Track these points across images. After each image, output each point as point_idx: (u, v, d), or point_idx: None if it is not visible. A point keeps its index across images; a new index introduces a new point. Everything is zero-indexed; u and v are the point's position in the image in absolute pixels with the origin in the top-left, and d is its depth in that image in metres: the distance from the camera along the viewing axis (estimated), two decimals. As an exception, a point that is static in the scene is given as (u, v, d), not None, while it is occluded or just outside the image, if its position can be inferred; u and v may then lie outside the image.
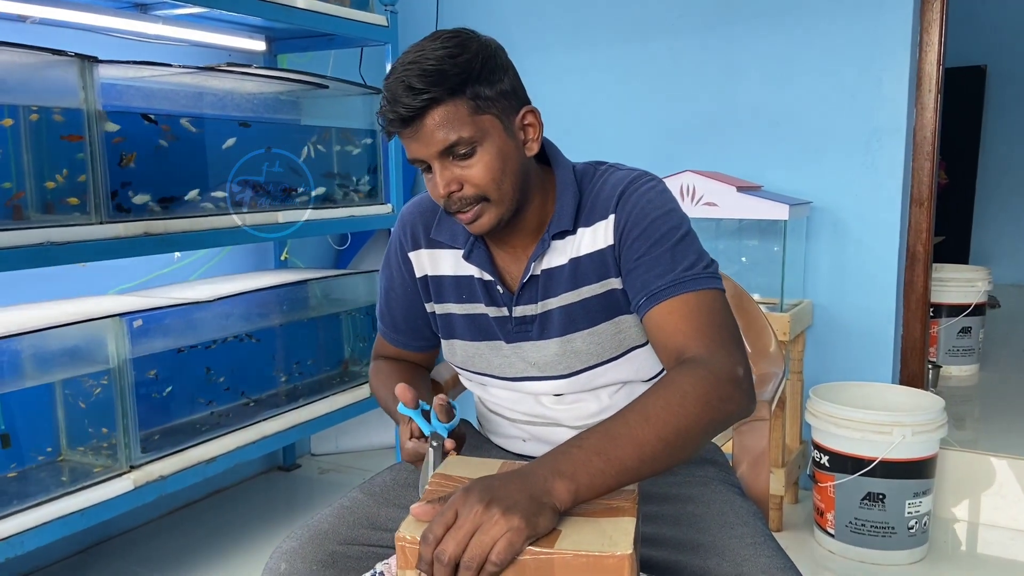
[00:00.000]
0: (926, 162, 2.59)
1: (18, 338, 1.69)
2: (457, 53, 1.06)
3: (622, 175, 1.18)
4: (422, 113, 1.05)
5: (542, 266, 1.18)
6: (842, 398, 2.39)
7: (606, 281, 1.16)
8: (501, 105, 1.09)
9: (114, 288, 2.30)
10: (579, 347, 1.18)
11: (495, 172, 1.09)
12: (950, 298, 3.66)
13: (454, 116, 1.06)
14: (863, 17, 2.51)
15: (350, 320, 2.70)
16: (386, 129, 1.10)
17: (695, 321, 1.05)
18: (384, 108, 1.07)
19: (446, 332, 1.27)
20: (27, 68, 1.67)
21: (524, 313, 1.19)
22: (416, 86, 1.04)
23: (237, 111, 2.21)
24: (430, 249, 1.26)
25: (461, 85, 1.06)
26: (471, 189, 1.09)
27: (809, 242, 2.66)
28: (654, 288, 1.08)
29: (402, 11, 2.78)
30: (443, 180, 1.09)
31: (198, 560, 2.32)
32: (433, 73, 1.04)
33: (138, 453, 1.91)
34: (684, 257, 1.10)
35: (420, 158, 1.09)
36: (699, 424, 0.94)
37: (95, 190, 1.76)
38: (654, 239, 1.11)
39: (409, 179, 3.16)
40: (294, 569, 1.11)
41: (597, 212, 1.16)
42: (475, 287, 1.23)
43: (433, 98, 1.04)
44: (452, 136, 1.06)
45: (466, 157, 1.08)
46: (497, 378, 1.24)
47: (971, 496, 2.56)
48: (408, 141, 1.09)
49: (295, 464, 3.02)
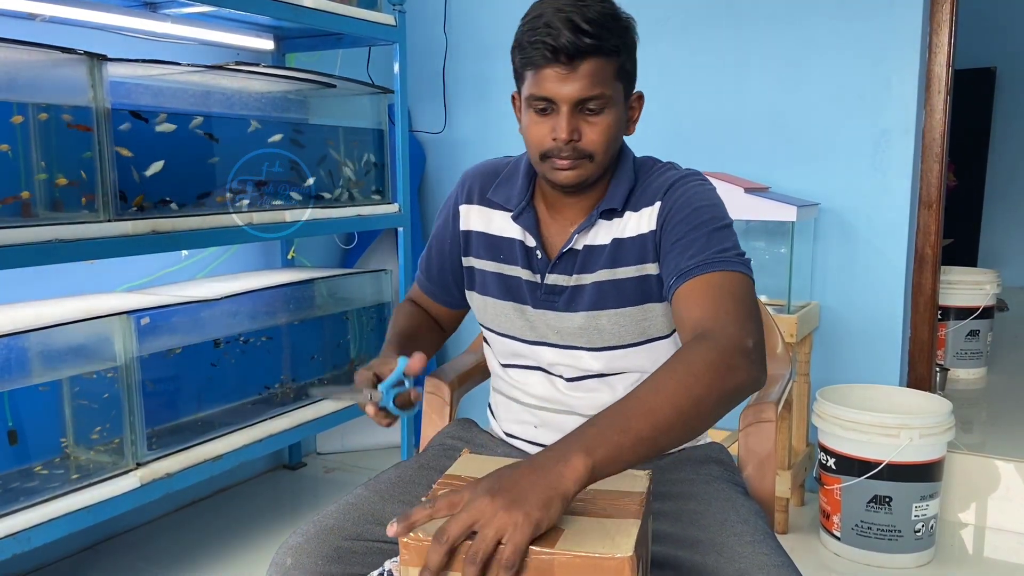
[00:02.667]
0: (935, 164, 2.58)
1: (26, 335, 1.70)
2: (619, 16, 1.13)
3: (676, 172, 1.24)
4: (582, 56, 1.09)
5: (584, 241, 1.23)
6: (849, 400, 2.39)
7: (643, 266, 1.20)
8: (629, 79, 1.17)
9: (122, 286, 2.30)
10: (604, 325, 1.22)
11: (609, 136, 1.15)
12: (958, 301, 3.64)
13: (604, 72, 1.11)
14: (872, 18, 2.51)
15: (356, 319, 2.70)
16: (528, 56, 1.12)
17: (714, 297, 1.07)
18: (539, 35, 1.09)
19: (480, 288, 1.32)
20: (37, 66, 1.68)
21: (556, 282, 1.24)
22: (584, 28, 1.07)
23: (245, 110, 2.21)
24: (481, 206, 1.32)
25: (617, 48, 1.11)
26: (586, 144, 1.14)
27: (817, 244, 2.65)
28: (684, 267, 1.12)
29: (410, 11, 2.78)
30: (569, 126, 1.13)
31: (203, 558, 2.33)
32: (602, 24, 1.09)
33: (144, 450, 1.91)
34: (718, 242, 1.13)
35: (552, 98, 1.12)
36: (710, 393, 0.94)
37: (103, 188, 1.77)
38: (693, 224, 1.15)
39: (416, 179, 3.17)
40: (300, 564, 1.12)
41: (645, 199, 1.21)
42: (515, 249, 1.27)
43: (598, 46, 1.09)
44: (596, 90, 1.11)
45: (593, 113, 1.13)
46: (518, 340, 1.28)
47: (978, 500, 2.55)
48: (547, 78, 1.11)
49: (301, 462, 3.02)
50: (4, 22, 1.95)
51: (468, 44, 3.13)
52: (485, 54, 3.09)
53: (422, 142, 3.25)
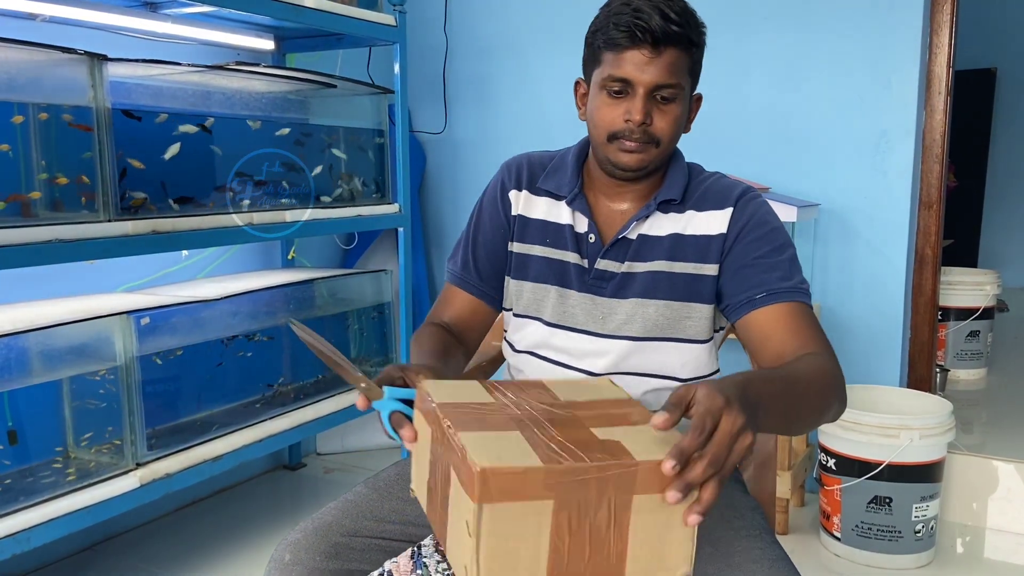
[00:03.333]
0: (935, 165, 2.58)
1: (26, 335, 1.70)
2: (694, 13, 1.18)
3: (736, 181, 1.28)
4: (668, 42, 1.13)
5: (640, 230, 1.25)
6: (849, 401, 2.37)
7: (701, 265, 1.23)
8: (696, 77, 1.22)
9: (122, 286, 2.30)
10: (651, 313, 1.23)
11: (676, 126, 1.20)
12: (958, 301, 3.64)
13: (682, 64, 1.16)
14: (873, 19, 2.50)
15: (357, 319, 2.70)
16: (612, 38, 1.15)
17: (814, 328, 1.15)
18: (628, 17, 1.13)
19: (520, 272, 1.32)
20: (37, 65, 1.68)
21: (606, 268, 1.25)
22: (672, 16, 1.12)
23: (245, 110, 2.21)
24: (529, 193, 1.34)
25: (695, 42, 1.17)
26: (656, 130, 1.18)
27: (817, 244, 2.65)
28: (775, 288, 1.16)
29: (411, 11, 2.78)
30: (644, 108, 1.16)
31: (203, 558, 2.33)
32: (687, 17, 1.15)
33: (144, 451, 1.91)
34: (798, 271, 1.20)
35: (631, 79, 1.15)
36: (827, 410, 1.05)
37: (103, 188, 1.77)
38: (775, 245, 1.20)
39: (416, 179, 3.17)
40: (298, 560, 1.12)
41: (711, 201, 1.24)
42: (564, 234, 1.29)
43: (684, 35, 1.14)
44: (674, 79, 1.15)
45: (666, 102, 1.17)
46: (549, 324, 1.29)
47: (978, 500, 2.55)
48: (630, 59, 1.14)
49: (300, 463, 3.02)
50: (4, 22, 1.95)
51: (469, 44, 3.13)
52: (486, 55, 3.09)
53: (422, 142, 3.25)
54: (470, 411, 0.89)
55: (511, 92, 3.09)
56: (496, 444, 0.80)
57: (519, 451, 0.80)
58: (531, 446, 0.81)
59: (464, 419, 0.86)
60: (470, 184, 3.16)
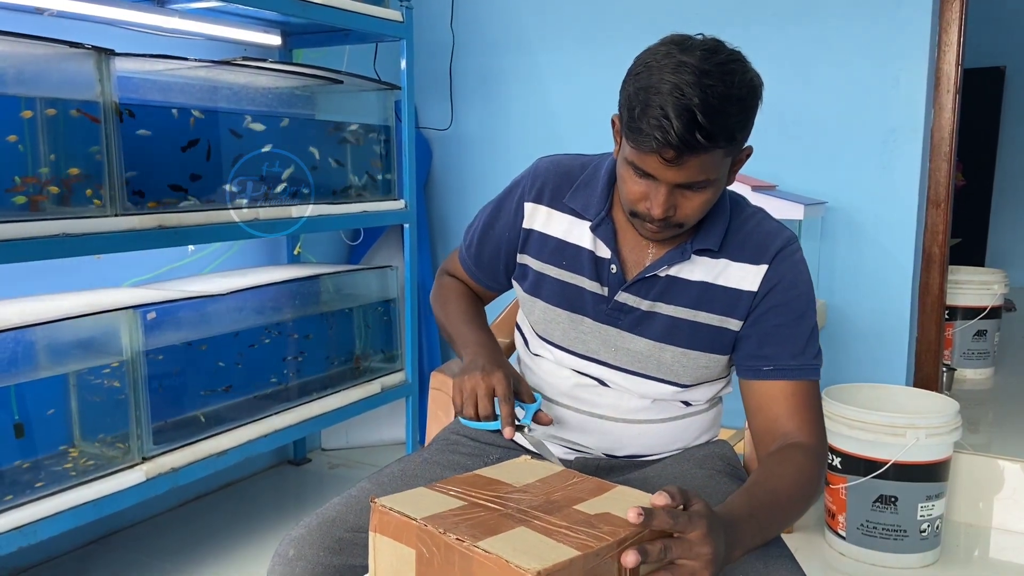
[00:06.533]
0: (943, 163, 2.57)
1: (32, 329, 1.70)
2: (748, 103, 1.06)
3: (778, 226, 1.22)
4: (693, 152, 1.01)
5: (671, 271, 1.19)
6: (855, 400, 2.38)
7: (727, 319, 1.19)
8: (740, 147, 1.10)
9: (128, 280, 2.31)
10: (666, 359, 1.21)
11: (706, 208, 1.10)
12: (966, 300, 3.63)
13: (715, 160, 1.04)
14: (881, 16, 2.50)
15: (362, 315, 2.70)
16: (634, 139, 1.03)
17: (811, 411, 1.14)
18: (650, 121, 1.00)
19: (533, 288, 1.29)
20: (44, 60, 1.68)
21: (627, 302, 1.21)
22: (701, 122, 0.98)
23: (252, 105, 2.22)
24: (552, 208, 1.27)
25: (735, 137, 1.04)
26: (680, 218, 1.10)
27: (824, 243, 2.64)
28: (784, 364, 1.15)
29: (417, 7, 2.78)
30: (665, 204, 1.07)
31: (208, 552, 2.33)
32: (723, 113, 1.00)
33: (150, 445, 1.92)
34: (813, 344, 1.17)
35: (653, 175, 1.06)
36: (799, 517, 1.08)
37: (110, 182, 1.77)
38: (797, 314, 1.17)
39: (422, 175, 3.17)
40: (302, 555, 1.13)
41: (748, 253, 1.19)
42: (582, 258, 1.24)
43: (713, 144, 1.01)
44: (702, 176, 1.05)
45: (694, 190, 1.07)
46: (562, 349, 1.27)
47: (984, 500, 2.54)
48: (651, 162, 1.04)
49: (305, 458, 3.03)
50: (12, 16, 1.95)
51: (475, 40, 3.13)
52: (492, 50, 3.09)
53: (428, 138, 3.25)
54: (458, 519, 0.84)
55: (518, 88, 3.08)
56: (522, 544, 0.79)
57: (547, 546, 0.78)
58: (551, 539, 0.80)
59: (465, 529, 0.82)
60: (476, 180, 3.16)
